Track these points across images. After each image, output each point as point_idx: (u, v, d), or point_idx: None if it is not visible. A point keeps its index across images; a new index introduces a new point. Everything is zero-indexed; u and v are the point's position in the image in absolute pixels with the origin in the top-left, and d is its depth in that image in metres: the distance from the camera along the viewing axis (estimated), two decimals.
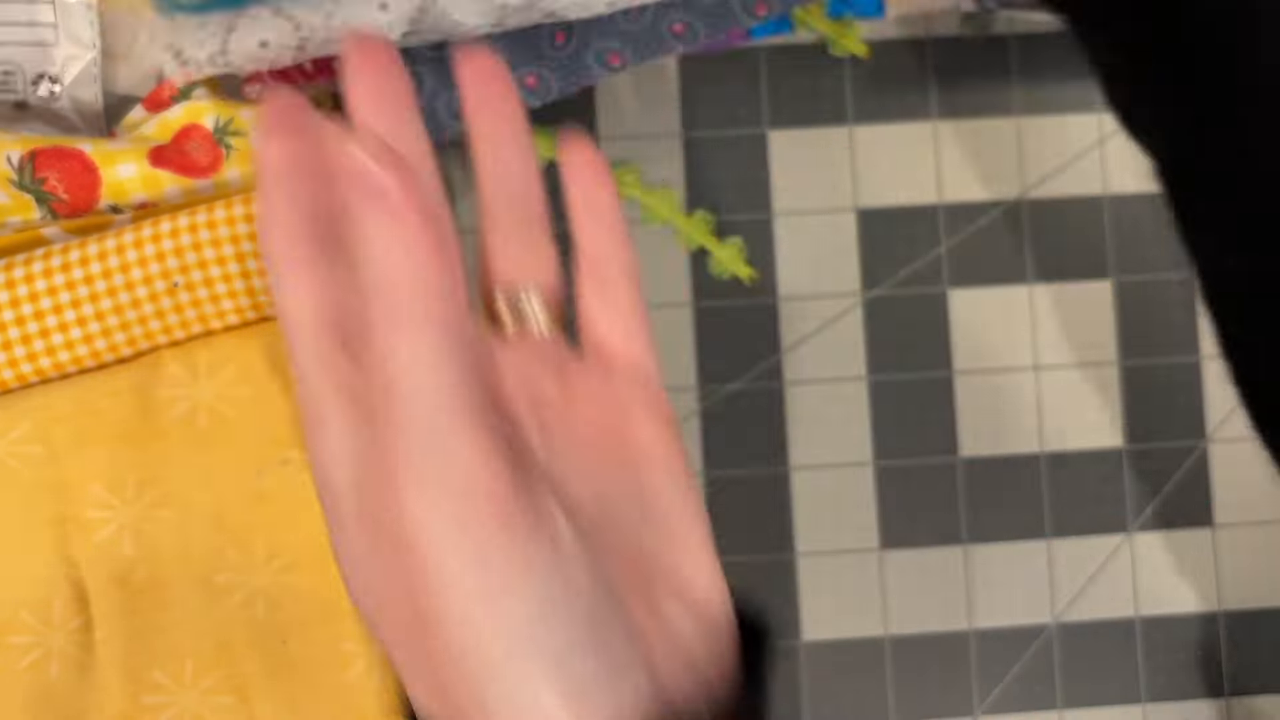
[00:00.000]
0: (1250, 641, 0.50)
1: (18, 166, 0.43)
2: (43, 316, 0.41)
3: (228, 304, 0.41)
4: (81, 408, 0.40)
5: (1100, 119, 0.50)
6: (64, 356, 0.41)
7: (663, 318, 0.49)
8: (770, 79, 0.49)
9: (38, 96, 0.46)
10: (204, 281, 0.41)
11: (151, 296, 0.41)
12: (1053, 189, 0.50)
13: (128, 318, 0.41)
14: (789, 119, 0.49)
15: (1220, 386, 0.50)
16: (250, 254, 0.41)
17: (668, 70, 0.49)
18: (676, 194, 0.49)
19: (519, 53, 0.45)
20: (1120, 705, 0.50)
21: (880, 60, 0.50)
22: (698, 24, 0.45)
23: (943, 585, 0.50)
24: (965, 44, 0.50)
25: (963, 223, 0.50)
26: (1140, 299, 0.50)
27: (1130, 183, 0.50)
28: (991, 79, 0.50)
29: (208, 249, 0.41)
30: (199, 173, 0.44)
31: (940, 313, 0.49)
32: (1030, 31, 0.50)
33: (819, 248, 0.49)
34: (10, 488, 0.40)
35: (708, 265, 0.49)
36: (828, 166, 0.49)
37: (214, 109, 0.44)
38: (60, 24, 0.46)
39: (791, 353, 0.49)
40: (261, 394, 0.41)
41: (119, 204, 0.44)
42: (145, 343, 0.42)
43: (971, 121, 0.50)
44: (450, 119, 0.45)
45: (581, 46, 0.45)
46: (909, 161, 0.50)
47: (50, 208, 0.44)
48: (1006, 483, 0.50)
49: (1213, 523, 0.50)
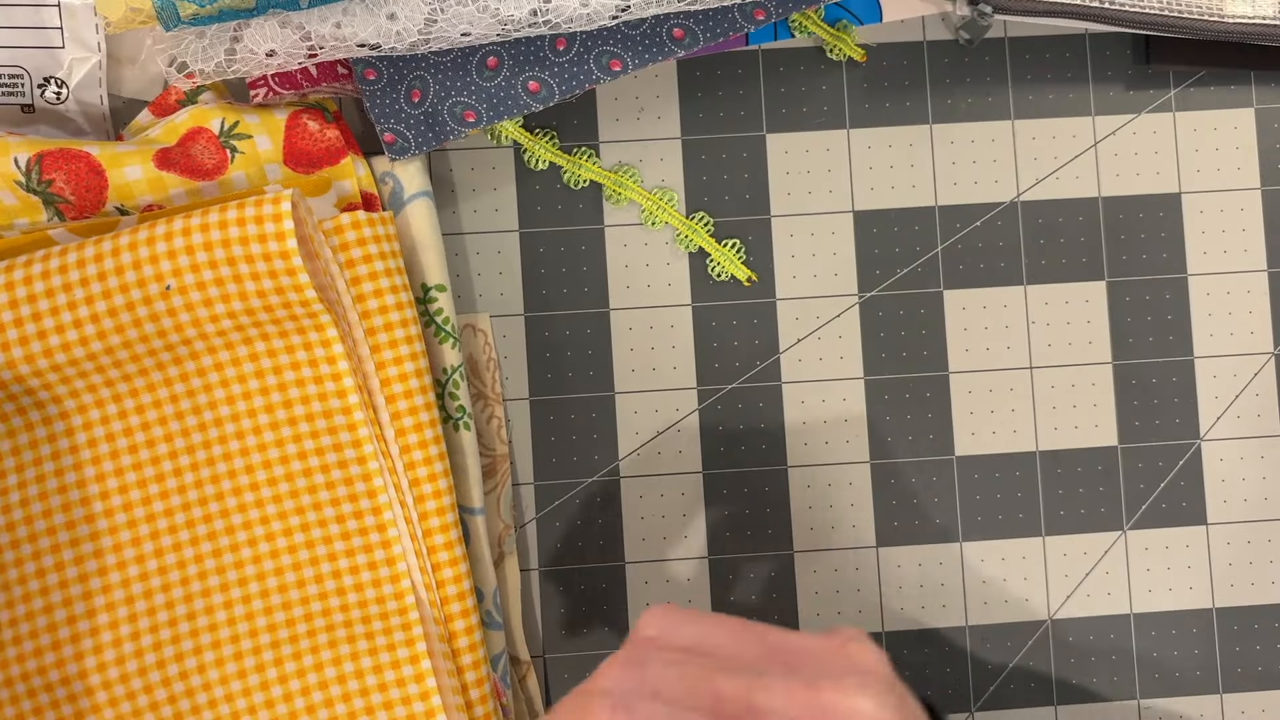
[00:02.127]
0: (1243, 638, 0.51)
1: (25, 169, 0.43)
2: (41, 317, 0.41)
3: (220, 308, 0.42)
4: None
5: (1094, 122, 0.50)
6: (61, 358, 0.41)
7: (663, 318, 0.49)
8: (769, 83, 0.50)
9: (44, 100, 0.46)
10: (196, 285, 0.41)
11: (146, 299, 0.41)
12: (1047, 191, 0.50)
13: (122, 320, 0.41)
14: (787, 122, 0.50)
15: (1212, 386, 0.51)
16: (242, 258, 0.41)
17: (667, 74, 0.50)
18: (676, 196, 0.49)
19: (521, 58, 0.45)
20: (1116, 701, 0.50)
21: (877, 64, 0.50)
22: (698, 29, 0.46)
23: (939, 582, 0.50)
24: (961, 48, 0.50)
25: (958, 225, 0.50)
26: (1133, 300, 0.50)
27: (1124, 185, 0.50)
28: (987, 83, 0.50)
29: (200, 252, 0.41)
30: (205, 175, 0.44)
31: (936, 313, 0.50)
32: (1025, 35, 0.50)
33: (817, 249, 0.50)
34: None
35: (707, 267, 0.49)
36: (825, 169, 0.50)
37: (220, 112, 0.45)
38: (66, 28, 0.46)
39: (790, 353, 0.50)
40: None
41: (125, 206, 0.44)
42: (141, 346, 0.42)
43: (967, 125, 0.50)
44: (455, 123, 0.45)
45: (583, 52, 0.45)
46: (905, 164, 0.50)
47: (57, 209, 0.44)
48: (1002, 481, 0.50)
49: (1206, 521, 0.51)
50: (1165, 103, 0.51)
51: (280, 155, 0.45)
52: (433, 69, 0.45)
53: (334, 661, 0.43)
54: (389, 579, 0.44)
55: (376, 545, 0.44)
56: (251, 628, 0.43)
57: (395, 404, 0.44)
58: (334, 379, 0.43)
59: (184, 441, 0.43)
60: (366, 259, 0.44)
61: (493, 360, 0.49)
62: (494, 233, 0.49)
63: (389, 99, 0.45)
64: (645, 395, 0.49)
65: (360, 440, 0.43)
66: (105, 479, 0.43)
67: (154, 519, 0.43)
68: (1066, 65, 0.50)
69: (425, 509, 0.44)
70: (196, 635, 0.43)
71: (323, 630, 0.43)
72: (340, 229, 0.43)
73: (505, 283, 0.49)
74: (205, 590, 0.43)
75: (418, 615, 0.43)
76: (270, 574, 0.43)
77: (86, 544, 0.43)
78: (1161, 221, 0.50)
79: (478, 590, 0.46)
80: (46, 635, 0.42)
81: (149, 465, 0.43)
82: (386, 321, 0.44)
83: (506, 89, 0.45)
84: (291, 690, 0.43)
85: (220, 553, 0.43)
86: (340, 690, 0.43)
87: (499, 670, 0.46)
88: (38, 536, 0.42)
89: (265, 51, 0.42)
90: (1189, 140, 0.50)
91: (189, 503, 0.43)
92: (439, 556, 0.44)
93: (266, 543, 0.43)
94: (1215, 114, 0.51)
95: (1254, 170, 0.50)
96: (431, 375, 0.45)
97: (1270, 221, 0.51)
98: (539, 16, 0.41)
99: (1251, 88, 0.51)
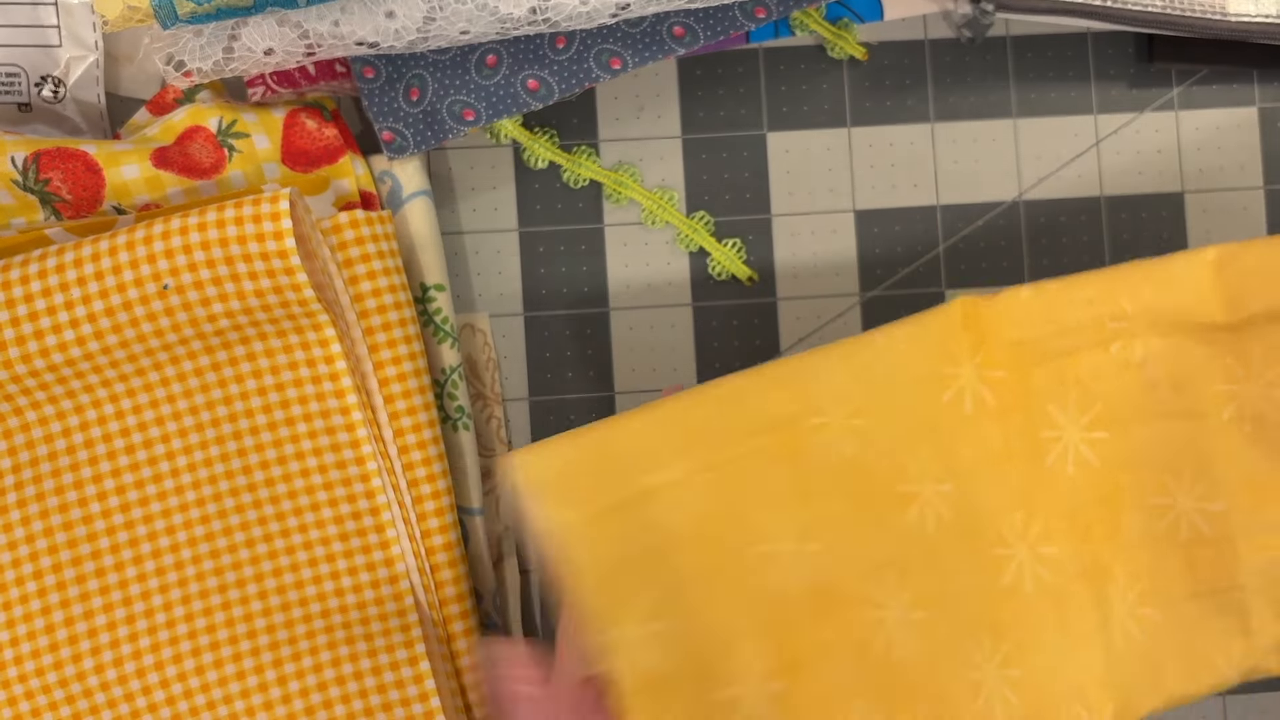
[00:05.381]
0: None
1: (22, 167, 0.43)
2: (37, 318, 0.41)
3: (218, 307, 0.41)
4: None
5: (1096, 120, 0.50)
6: (58, 359, 0.41)
7: (663, 318, 0.49)
8: (769, 81, 0.50)
9: (41, 98, 0.46)
10: (194, 284, 0.41)
11: (143, 299, 0.41)
12: (1049, 190, 0.50)
13: (120, 320, 0.41)
14: (788, 121, 0.50)
15: None
16: (240, 257, 0.40)
17: (667, 72, 0.50)
18: (676, 195, 0.49)
19: (520, 56, 0.45)
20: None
21: (878, 63, 0.50)
22: (698, 27, 0.46)
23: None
24: (962, 47, 0.50)
25: (960, 224, 0.50)
26: None
27: (1126, 184, 0.50)
28: (988, 81, 0.50)
29: (198, 251, 0.40)
30: (202, 174, 0.44)
31: None
32: (1027, 34, 0.50)
33: (818, 248, 0.50)
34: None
35: (707, 266, 0.49)
36: (826, 168, 0.50)
37: (218, 111, 0.45)
38: (64, 26, 0.46)
39: (790, 353, 0.50)
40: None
41: (123, 205, 0.44)
42: (139, 346, 0.42)
43: (968, 123, 0.50)
44: (454, 121, 0.45)
45: (582, 50, 0.45)
46: (907, 163, 0.50)
47: (54, 208, 0.44)
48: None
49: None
50: (1168, 101, 0.50)
51: (278, 154, 0.45)
52: (431, 67, 0.45)
53: (334, 662, 0.43)
54: (388, 580, 0.43)
55: (375, 546, 0.44)
56: (250, 629, 0.43)
57: (394, 404, 0.43)
58: (332, 379, 0.43)
59: (183, 441, 0.43)
60: (365, 258, 0.43)
61: (492, 360, 0.49)
62: (493, 232, 0.49)
63: (387, 97, 0.45)
64: (645, 395, 0.49)
65: (359, 441, 0.43)
66: (103, 480, 0.43)
67: (151, 520, 0.43)
68: (1069, 64, 0.50)
69: (424, 509, 0.44)
70: (195, 637, 0.43)
71: (323, 631, 0.43)
72: (338, 228, 0.43)
73: (504, 282, 0.49)
74: (205, 591, 0.43)
75: (417, 616, 0.43)
76: (268, 575, 0.43)
77: (84, 546, 0.43)
78: (1164, 221, 0.50)
79: (476, 591, 0.46)
80: (45, 638, 0.42)
81: (149, 465, 0.43)
82: (385, 321, 0.43)
83: (506, 87, 0.45)
84: (291, 691, 0.43)
85: (220, 553, 0.43)
86: (340, 691, 0.43)
87: None
88: (36, 539, 0.42)
89: (263, 50, 0.42)
90: (1191, 139, 0.50)
91: (189, 503, 0.43)
92: (438, 557, 0.44)
93: (265, 544, 0.43)
94: (1218, 113, 0.50)
95: (1257, 169, 0.50)
96: (430, 375, 0.45)
97: (1273, 221, 0.50)
98: (538, 14, 0.41)
99: (1254, 86, 0.51)
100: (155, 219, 0.41)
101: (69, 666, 0.42)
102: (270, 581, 0.43)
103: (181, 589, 0.43)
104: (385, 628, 0.43)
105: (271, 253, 0.40)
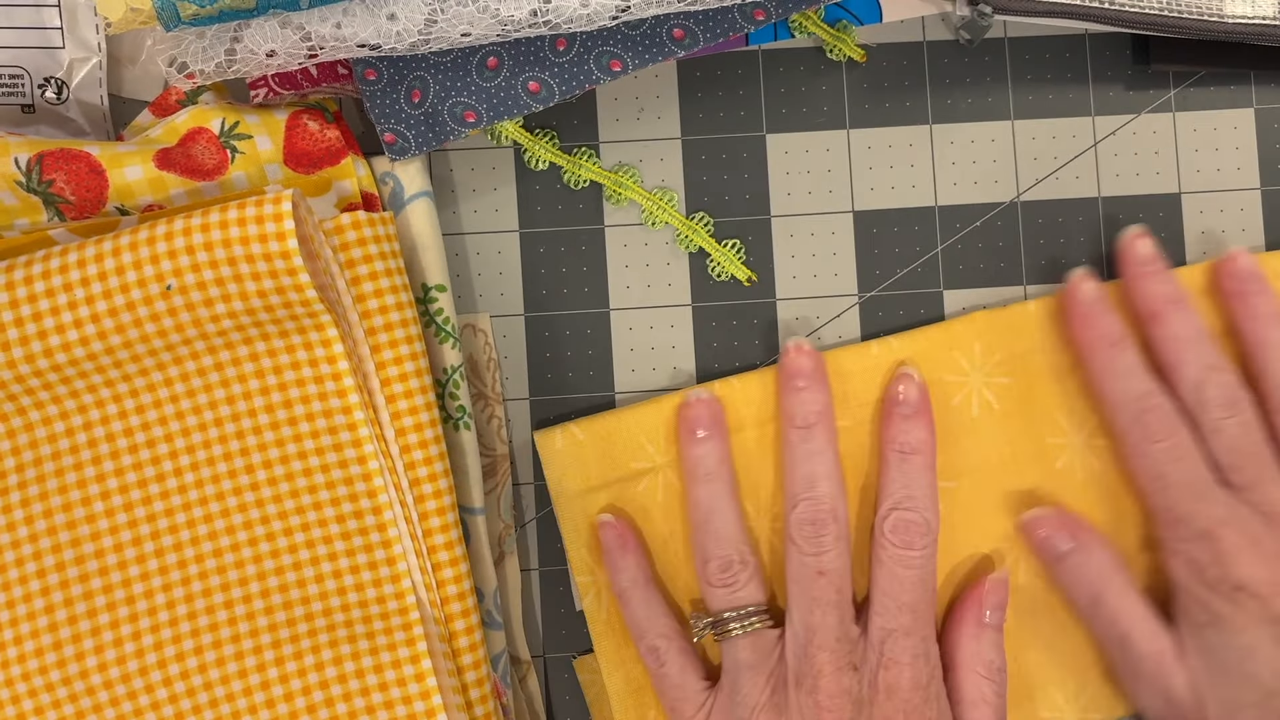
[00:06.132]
0: None
1: (25, 169, 0.43)
2: (41, 317, 0.41)
3: (221, 307, 0.42)
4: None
5: (1094, 122, 0.50)
6: (61, 358, 0.41)
7: (663, 318, 0.49)
8: (768, 83, 0.50)
9: (44, 100, 0.46)
10: (197, 284, 0.41)
11: (146, 299, 0.41)
12: (1047, 191, 0.50)
13: (122, 320, 0.41)
14: (787, 123, 0.50)
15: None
16: (243, 257, 0.41)
17: (667, 75, 0.50)
18: (676, 196, 0.49)
19: (521, 58, 0.45)
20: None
21: (877, 64, 0.50)
22: (698, 29, 0.46)
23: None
24: (961, 48, 0.50)
25: (958, 225, 0.50)
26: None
27: (1123, 185, 0.50)
28: (986, 83, 0.50)
29: (200, 251, 0.41)
30: (205, 175, 0.44)
31: (936, 314, 0.50)
32: (1025, 36, 0.50)
33: (817, 249, 0.50)
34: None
35: (707, 267, 0.49)
36: (825, 169, 0.50)
37: (220, 112, 0.45)
38: (67, 28, 0.46)
39: None
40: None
41: (126, 206, 0.44)
42: (141, 346, 0.42)
43: (967, 125, 0.50)
44: (455, 123, 0.45)
45: (583, 52, 0.45)
46: (905, 164, 0.50)
47: (57, 209, 0.44)
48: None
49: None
50: (1165, 103, 0.51)
51: (280, 155, 0.45)
52: (433, 69, 0.45)
53: (334, 661, 0.43)
54: (389, 579, 0.44)
55: (376, 545, 0.44)
56: (252, 628, 0.43)
57: (395, 404, 0.44)
58: (334, 379, 0.43)
59: (184, 441, 0.43)
60: (367, 259, 0.44)
61: (493, 360, 0.49)
62: (494, 233, 0.49)
63: (389, 99, 0.45)
64: (645, 395, 0.49)
65: (360, 440, 0.43)
66: (105, 479, 0.43)
67: (154, 519, 0.43)
68: (1066, 65, 0.50)
69: (425, 509, 0.44)
70: (196, 635, 0.43)
71: (323, 630, 0.43)
72: (340, 229, 0.43)
73: (505, 283, 0.49)
74: (205, 590, 0.43)
75: (418, 615, 0.43)
76: (270, 574, 0.43)
77: (87, 544, 0.43)
78: (1161, 222, 0.50)
79: (478, 590, 0.46)
80: (47, 635, 0.42)
81: (149, 465, 0.43)
82: (387, 321, 0.44)
83: (506, 89, 0.45)
84: (292, 690, 0.43)
85: (220, 553, 0.43)
86: (340, 690, 0.43)
87: (499, 670, 0.46)
88: (38, 536, 0.42)
89: (265, 52, 0.42)
90: (1189, 141, 0.51)
91: (189, 503, 0.43)
92: (439, 556, 0.44)
93: (266, 542, 0.43)
94: (1215, 114, 0.51)
95: (1254, 171, 0.51)
96: (431, 375, 0.45)
97: (1270, 222, 0.51)
98: (539, 17, 0.42)
99: (1251, 88, 0.51)
100: (158, 220, 0.41)
101: (71, 664, 0.42)
102: (272, 580, 0.43)
103: (183, 587, 0.43)
104: (386, 626, 0.43)
105: (274, 253, 0.40)
